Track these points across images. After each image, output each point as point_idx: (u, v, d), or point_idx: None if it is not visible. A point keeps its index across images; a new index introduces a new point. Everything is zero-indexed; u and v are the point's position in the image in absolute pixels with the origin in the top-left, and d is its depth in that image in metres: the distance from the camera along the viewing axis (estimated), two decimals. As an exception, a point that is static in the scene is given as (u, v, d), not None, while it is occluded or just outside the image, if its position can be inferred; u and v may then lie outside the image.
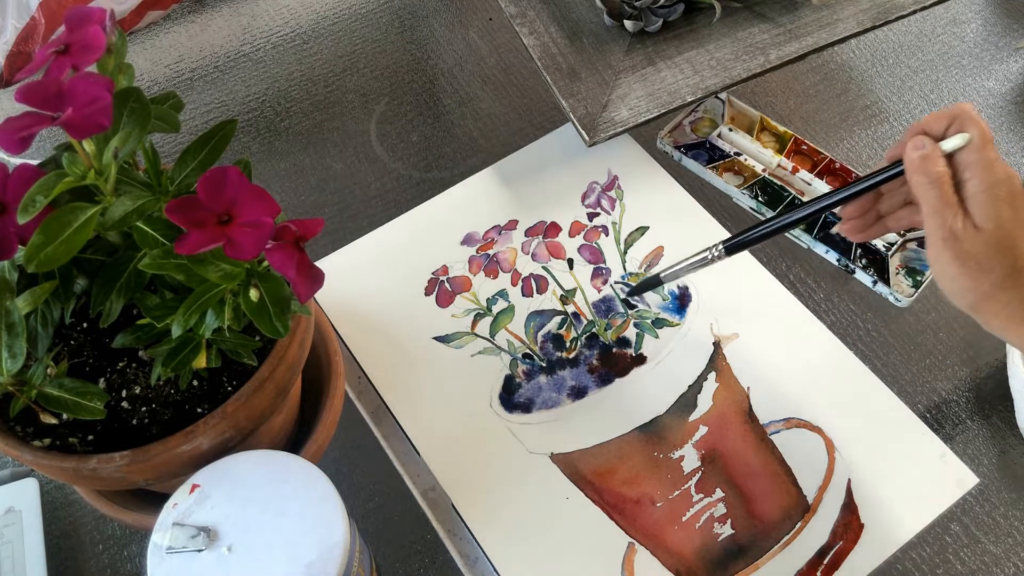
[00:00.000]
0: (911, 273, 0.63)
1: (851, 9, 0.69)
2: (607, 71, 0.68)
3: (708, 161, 0.70)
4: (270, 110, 0.75)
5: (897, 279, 0.63)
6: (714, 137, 0.70)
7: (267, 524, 0.41)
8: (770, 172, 0.69)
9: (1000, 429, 0.58)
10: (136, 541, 0.55)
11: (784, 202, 0.66)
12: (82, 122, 0.34)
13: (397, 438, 0.58)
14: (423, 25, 0.82)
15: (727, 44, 0.69)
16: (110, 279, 0.40)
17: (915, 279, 0.63)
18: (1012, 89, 0.75)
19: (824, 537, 0.53)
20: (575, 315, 0.62)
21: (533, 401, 0.58)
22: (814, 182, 0.67)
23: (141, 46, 0.79)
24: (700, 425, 0.57)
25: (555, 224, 0.67)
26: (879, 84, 0.76)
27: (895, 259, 0.64)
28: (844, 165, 0.68)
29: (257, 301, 0.38)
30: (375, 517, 0.56)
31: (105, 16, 0.38)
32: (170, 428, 0.42)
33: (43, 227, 0.35)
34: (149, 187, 0.40)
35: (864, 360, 0.60)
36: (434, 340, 0.61)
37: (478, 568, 0.53)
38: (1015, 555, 0.54)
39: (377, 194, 0.70)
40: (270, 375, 0.43)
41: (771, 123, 0.71)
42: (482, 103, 0.76)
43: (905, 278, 0.63)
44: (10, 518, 0.53)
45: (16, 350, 0.38)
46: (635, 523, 0.54)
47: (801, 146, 0.69)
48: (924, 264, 0.64)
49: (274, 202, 0.37)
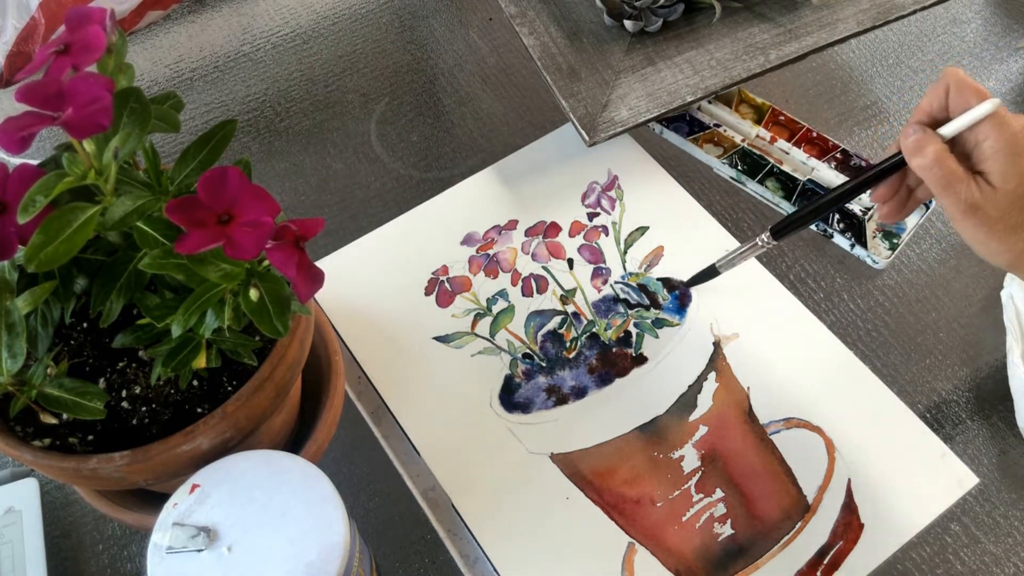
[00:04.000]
0: (887, 236, 0.65)
1: (851, 9, 0.69)
2: (607, 71, 0.68)
3: (689, 133, 0.71)
4: (270, 110, 0.75)
5: (874, 242, 0.65)
6: (695, 110, 0.71)
7: (267, 524, 0.41)
8: (749, 143, 0.70)
9: (1000, 429, 0.58)
10: (136, 541, 0.55)
11: (763, 171, 0.68)
12: (82, 122, 0.34)
13: (397, 438, 0.58)
14: (423, 25, 0.82)
15: (727, 44, 0.69)
16: (110, 279, 0.40)
17: (891, 242, 0.65)
18: (1012, 89, 0.75)
19: (824, 537, 0.53)
20: (575, 315, 0.62)
21: (533, 401, 0.58)
22: (792, 151, 0.69)
23: (141, 46, 0.79)
24: (700, 425, 0.57)
25: (555, 224, 0.67)
26: (879, 84, 0.76)
27: (872, 223, 0.65)
28: (821, 134, 0.69)
29: (257, 301, 0.38)
30: (375, 517, 0.56)
31: (105, 16, 0.38)
32: (170, 428, 0.42)
33: (43, 227, 0.35)
34: (149, 187, 0.40)
35: (864, 360, 0.60)
36: (434, 340, 0.61)
37: (478, 568, 0.53)
38: (1015, 555, 0.54)
39: (377, 194, 0.70)
40: (270, 375, 0.43)
41: (749, 95, 0.72)
42: (482, 103, 0.76)
43: (882, 241, 0.65)
44: (10, 518, 0.53)
45: (16, 350, 0.38)
46: (635, 523, 0.54)
47: (779, 117, 0.71)
48: (900, 227, 0.65)
49: (274, 202, 0.37)
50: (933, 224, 0.68)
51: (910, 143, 0.47)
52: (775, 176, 0.67)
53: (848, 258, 0.66)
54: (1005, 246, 0.46)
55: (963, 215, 0.46)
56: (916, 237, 0.67)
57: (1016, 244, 0.46)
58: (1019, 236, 0.46)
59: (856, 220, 0.65)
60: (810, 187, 0.66)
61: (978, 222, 0.46)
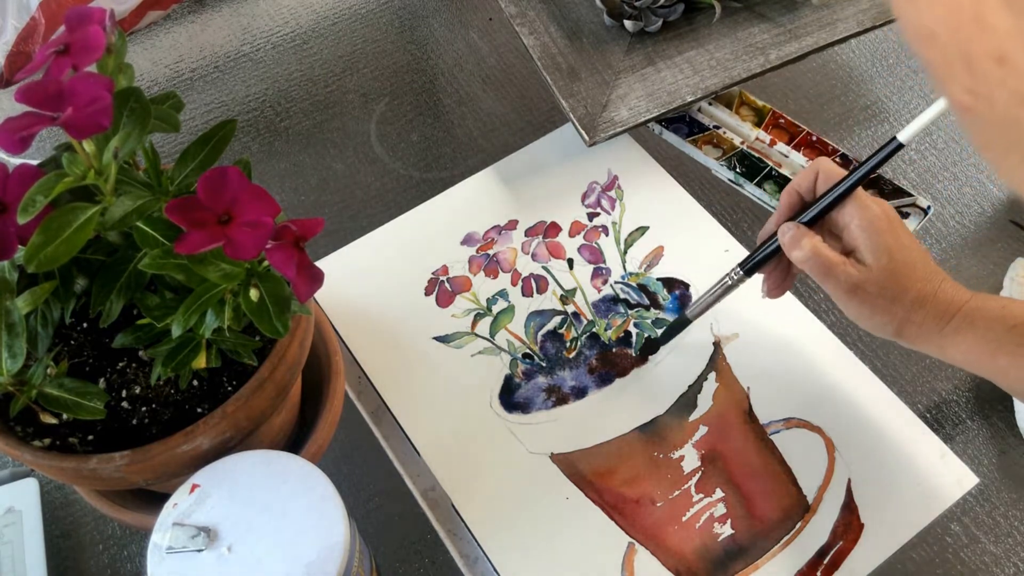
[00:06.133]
0: None
1: (851, 9, 0.69)
2: (607, 71, 0.68)
3: (688, 134, 0.71)
4: (270, 110, 0.75)
5: None
6: (694, 111, 0.71)
7: (267, 524, 0.41)
8: (748, 145, 0.69)
9: (1000, 429, 0.58)
10: (136, 541, 0.55)
11: (761, 173, 0.68)
12: (82, 122, 0.34)
13: (397, 438, 0.58)
14: (423, 25, 0.82)
15: (727, 44, 0.69)
16: (110, 279, 0.40)
17: None
18: (1012, 89, 0.75)
19: (824, 537, 0.53)
20: (575, 315, 0.62)
21: (533, 401, 0.58)
22: (791, 154, 0.69)
23: (141, 46, 0.80)
24: (700, 425, 0.57)
25: (555, 224, 0.67)
26: (879, 84, 0.76)
27: None
28: (821, 138, 0.69)
29: (257, 301, 0.38)
30: (375, 517, 0.56)
31: (105, 16, 0.38)
32: (170, 428, 0.42)
33: (43, 227, 0.35)
34: (149, 187, 0.40)
35: (864, 360, 0.60)
36: (434, 340, 0.61)
37: (478, 568, 0.53)
38: (1015, 555, 0.54)
39: (377, 194, 0.70)
40: (270, 375, 0.43)
41: (750, 97, 0.72)
42: (482, 103, 0.76)
43: None
44: (10, 518, 0.53)
45: (16, 350, 0.38)
46: (635, 523, 0.54)
47: (779, 119, 0.71)
48: None
49: (274, 202, 0.37)
50: (933, 224, 0.68)
51: (787, 239, 0.50)
52: (773, 179, 0.67)
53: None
54: (888, 316, 0.49)
55: (847, 296, 0.49)
56: (916, 237, 0.66)
57: (897, 312, 0.49)
58: (899, 305, 0.49)
59: None
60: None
61: (861, 300, 0.49)
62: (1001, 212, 0.68)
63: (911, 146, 0.72)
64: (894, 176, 0.70)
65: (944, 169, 0.71)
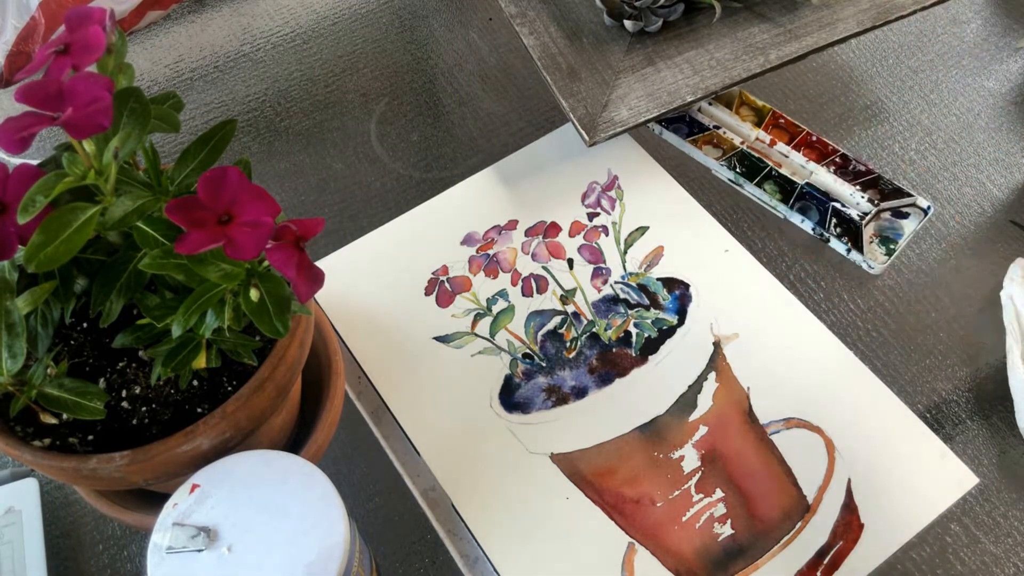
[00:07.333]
0: (884, 242, 0.65)
1: (851, 9, 0.69)
2: (607, 71, 0.68)
3: (688, 134, 0.71)
4: (270, 110, 0.75)
5: (871, 247, 0.65)
6: (694, 111, 0.71)
7: (267, 524, 0.41)
8: (748, 145, 0.69)
9: (1000, 429, 0.58)
10: (136, 541, 0.55)
11: (761, 174, 0.68)
12: (82, 122, 0.34)
13: (397, 438, 0.58)
14: (423, 25, 0.82)
15: (727, 44, 0.69)
16: (110, 279, 0.40)
17: (888, 247, 0.65)
18: (1012, 89, 0.75)
19: (824, 537, 0.53)
20: (575, 315, 0.62)
21: (533, 401, 0.58)
22: (791, 154, 0.68)
23: (141, 46, 0.80)
24: (700, 425, 0.57)
25: (555, 224, 0.67)
26: (879, 84, 0.76)
27: (869, 228, 0.65)
28: (821, 138, 0.69)
29: (257, 301, 0.38)
30: (375, 517, 0.56)
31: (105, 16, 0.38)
32: (170, 428, 0.42)
33: (43, 227, 0.35)
34: (149, 187, 0.40)
35: (864, 360, 0.60)
36: (434, 340, 0.61)
37: (478, 568, 0.53)
38: (1015, 555, 0.54)
39: (377, 194, 0.70)
40: (270, 375, 0.43)
41: (750, 97, 0.72)
42: (482, 103, 0.76)
43: (879, 246, 0.65)
44: (10, 518, 0.53)
45: (16, 350, 0.38)
46: (635, 523, 0.54)
47: (779, 120, 0.71)
48: (898, 233, 0.65)
49: (274, 202, 0.37)
50: (933, 224, 0.68)
51: None
52: (773, 179, 0.67)
53: (846, 262, 0.66)
54: None
55: None
56: (916, 238, 0.67)
57: None
58: None
59: (853, 225, 0.65)
60: (808, 191, 0.66)
61: None
62: (1001, 212, 0.69)
63: (911, 146, 0.72)
64: (894, 176, 0.70)
65: (944, 169, 0.71)
